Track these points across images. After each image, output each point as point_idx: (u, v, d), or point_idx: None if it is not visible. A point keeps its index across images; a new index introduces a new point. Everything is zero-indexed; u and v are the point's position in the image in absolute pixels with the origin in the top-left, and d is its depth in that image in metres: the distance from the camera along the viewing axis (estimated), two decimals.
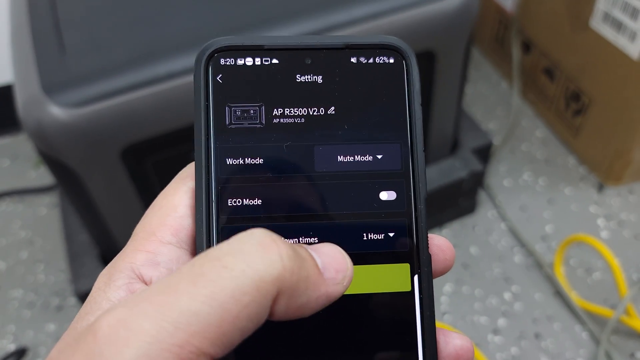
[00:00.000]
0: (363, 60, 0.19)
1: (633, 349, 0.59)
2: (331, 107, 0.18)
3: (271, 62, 0.18)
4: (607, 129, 0.71)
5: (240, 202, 0.18)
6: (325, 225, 0.17)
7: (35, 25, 0.51)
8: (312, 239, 0.17)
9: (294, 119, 0.18)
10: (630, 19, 0.61)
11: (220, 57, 0.19)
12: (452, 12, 0.53)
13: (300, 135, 0.18)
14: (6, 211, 0.81)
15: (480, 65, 0.96)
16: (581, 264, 0.67)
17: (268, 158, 0.18)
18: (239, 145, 0.18)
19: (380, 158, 0.17)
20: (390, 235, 0.17)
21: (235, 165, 0.18)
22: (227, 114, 0.18)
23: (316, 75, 0.18)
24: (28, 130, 0.46)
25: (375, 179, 0.17)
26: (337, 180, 0.17)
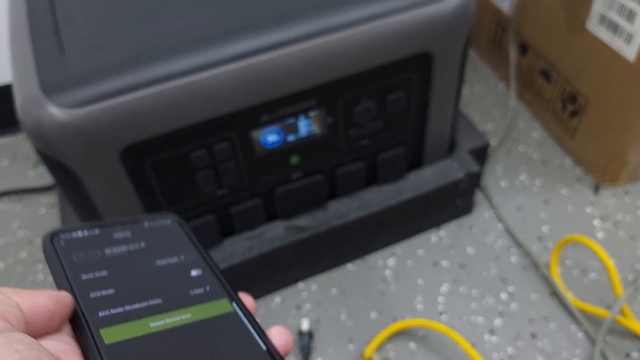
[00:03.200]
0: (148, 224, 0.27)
1: (629, 349, 0.59)
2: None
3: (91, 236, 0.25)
4: (603, 131, 0.72)
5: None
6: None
7: (34, 25, 0.51)
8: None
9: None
10: (626, 21, 0.62)
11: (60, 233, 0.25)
12: (450, 14, 0.53)
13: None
14: (5, 211, 0.81)
15: (477, 67, 0.97)
16: (577, 265, 0.68)
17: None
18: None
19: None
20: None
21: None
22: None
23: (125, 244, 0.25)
24: (27, 131, 0.46)
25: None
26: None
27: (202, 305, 0.23)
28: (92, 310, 0.22)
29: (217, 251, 0.62)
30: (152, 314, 0.22)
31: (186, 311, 0.23)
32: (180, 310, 0.23)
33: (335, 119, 0.57)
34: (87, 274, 0.23)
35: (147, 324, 0.22)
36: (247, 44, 0.48)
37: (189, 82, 0.47)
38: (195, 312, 0.23)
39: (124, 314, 0.22)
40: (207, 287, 0.24)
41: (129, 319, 0.22)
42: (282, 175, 0.59)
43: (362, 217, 0.65)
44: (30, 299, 0.22)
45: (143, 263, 0.24)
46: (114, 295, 0.23)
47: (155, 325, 0.22)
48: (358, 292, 0.67)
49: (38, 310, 0.22)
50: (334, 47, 0.50)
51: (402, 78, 0.57)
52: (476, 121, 0.87)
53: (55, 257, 0.24)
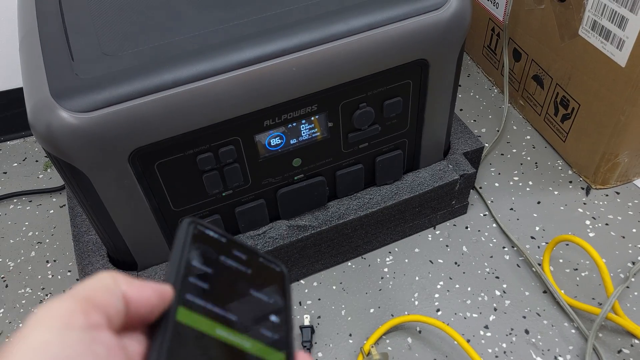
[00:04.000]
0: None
1: (620, 345, 0.61)
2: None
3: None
4: (594, 134, 0.73)
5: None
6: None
7: (44, 32, 0.52)
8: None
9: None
10: (618, 28, 0.63)
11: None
12: (445, 22, 0.54)
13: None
14: (15, 211, 0.82)
15: (472, 72, 0.98)
16: (569, 263, 0.69)
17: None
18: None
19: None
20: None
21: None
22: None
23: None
24: (37, 134, 0.47)
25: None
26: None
27: (263, 346, 0.25)
28: (183, 289, 0.24)
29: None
30: (224, 324, 0.24)
31: (248, 340, 0.25)
32: (245, 336, 0.25)
33: (336, 123, 0.58)
34: (197, 262, 0.25)
35: (214, 328, 0.24)
36: (252, 52, 0.49)
37: (196, 88, 0.48)
38: (254, 346, 0.25)
39: (204, 308, 0.24)
40: (276, 335, 0.26)
41: (205, 315, 0.24)
42: (284, 177, 0.61)
43: (361, 217, 0.66)
44: (138, 291, 0.22)
45: (241, 284, 0.27)
46: (205, 291, 0.25)
47: (220, 333, 0.24)
48: (357, 288, 0.69)
49: (142, 303, 0.22)
50: (334, 55, 0.51)
51: (399, 84, 0.58)
52: (471, 125, 0.88)
53: (183, 236, 0.25)
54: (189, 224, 0.26)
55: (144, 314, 0.22)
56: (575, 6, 0.68)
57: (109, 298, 0.21)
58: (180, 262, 0.25)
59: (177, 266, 0.24)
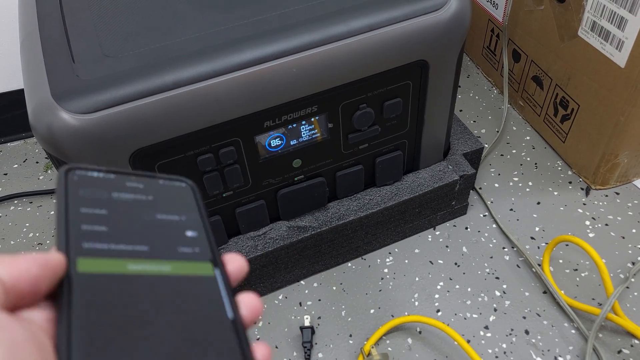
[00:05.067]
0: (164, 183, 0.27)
1: (620, 346, 0.61)
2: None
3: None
4: (594, 134, 0.73)
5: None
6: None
7: (45, 34, 0.52)
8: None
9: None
10: (617, 29, 0.63)
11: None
12: (445, 23, 0.54)
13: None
14: (15, 212, 0.83)
15: (471, 73, 0.98)
16: (569, 264, 0.69)
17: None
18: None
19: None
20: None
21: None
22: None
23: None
24: (38, 136, 0.47)
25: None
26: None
27: (185, 263, 0.24)
28: (77, 240, 0.22)
29: (223, 251, 0.63)
30: (134, 257, 0.22)
31: (167, 264, 0.23)
32: (162, 260, 0.23)
33: (336, 124, 0.58)
34: (86, 208, 0.23)
35: (125, 265, 0.22)
36: (252, 53, 0.49)
37: (196, 89, 0.48)
38: (175, 266, 0.23)
39: (107, 250, 0.22)
40: (197, 249, 0.24)
41: (109, 256, 0.22)
42: (284, 177, 0.61)
43: (362, 218, 0.66)
44: (10, 265, 0.20)
45: (144, 213, 0.25)
46: (104, 233, 0.23)
47: (132, 268, 0.22)
48: (357, 289, 0.69)
49: (20, 277, 0.20)
50: (334, 56, 0.52)
51: (399, 85, 0.58)
52: (470, 125, 0.89)
53: (63, 188, 0.23)
54: (66, 172, 0.24)
55: (29, 287, 0.20)
56: (575, 7, 0.69)
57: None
58: (67, 214, 0.23)
59: (64, 219, 0.23)
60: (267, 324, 0.66)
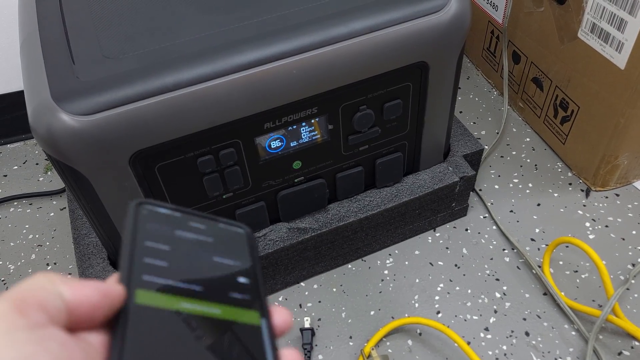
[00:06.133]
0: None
1: (621, 347, 0.61)
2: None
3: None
4: (594, 136, 0.74)
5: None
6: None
7: (45, 35, 0.52)
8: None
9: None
10: (617, 30, 0.63)
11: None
12: (445, 25, 0.54)
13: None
14: (15, 214, 0.82)
15: (471, 75, 0.98)
16: (569, 265, 0.69)
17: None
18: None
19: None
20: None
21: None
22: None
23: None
24: (38, 137, 0.47)
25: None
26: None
27: (234, 309, 0.24)
28: (138, 271, 0.23)
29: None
30: (189, 296, 0.24)
31: (218, 307, 0.24)
32: (213, 303, 0.24)
33: (336, 125, 0.59)
34: (151, 242, 0.25)
35: (179, 302, 0.23)
36: (252, 55, 0.49)
37: (197, 91, 0.48)
38: (225, 311, 0.24)
39: (164, 285, 0.23)
40: (247, 296, 0.25)
41: (166, 292, 0.23)
42: (285, 179, 0.61)
43: (362, 219, 0.66)
44: (75, 289, 0.21)
45: (202, 254, 0.26)
46: (164, 268, 0.24)
47: (185, 306, 0.23)
48: (358, 291, 0.69)
49: (82, 302, 0.21)
50: (334, 58, 0.52)
51: (399, 86, 0.58)
52: (470, 127, 0.89)
53: (132, 220, 0.25)
54: (137, 205, 0.26)
55: (87, 313, 0.22)
56: (575, 9, 0.69)
57: (45, 296, 0.20)
58: (133, 246, 0.24)
59: (130, 250, 0.24)
60: None
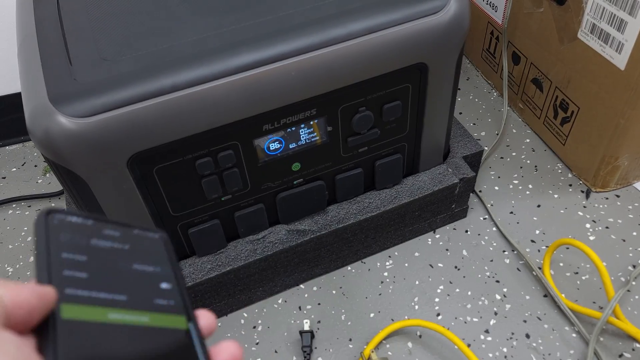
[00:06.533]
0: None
1: (621, 350, 0.61)
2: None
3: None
4: (594, 137, 0.73)
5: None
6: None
7: (43, 38, 0.52)
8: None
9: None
10: (617, 31, 0.63)
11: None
12: (444, 26, 0.54)
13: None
14: (14, 216, 0.82)
15: (471, 76, 0.98)
16: (570, 267, 0.69)
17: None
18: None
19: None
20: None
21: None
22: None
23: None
24: (35, 140, 0.47)
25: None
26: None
27: (161, 315, 0.25)
28: (60, 285, 0.23)
29: (222, 254, 0.63)
30: (114, 306, 0.23)
31: (145, 315, 0.24)
32: (140, 311, 0.24)
33: (335, 127, 0.58)
34: (67, 253, 0.24)
35: (106, 313, 0.23)
36: (250, 56, 0.49)
37: (194, 93, 0.48)
38: (152, 318, 0.24)
39: (88, 297, 0.23)
40: (171, 301, 0.26)
41: (91, 303, 0.23)
42: (284, 181, 0.61)
43: (361, 221, 0.66)
44: (14, 292, 0.21)
45: (121, 262, 0.25)
46: (85, 279, 0.23)
47: (113, 317, 0.23)
48: (357, 293, 0.69)
49: (21, 305, 0.21)
50: (333, 59, 0.51)
51: (398, 88, 0.58)
52: (470, 128, 0.89)
53: (43, 231, 0.24)
54: (45, 215, 0.25)
55: (23, 317, 0.21)
56: (574, 9, 0.69)
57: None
58: (49, 259, 0.23)
59: (46, 263, 0.23)
60: (266, 328, 0.66)
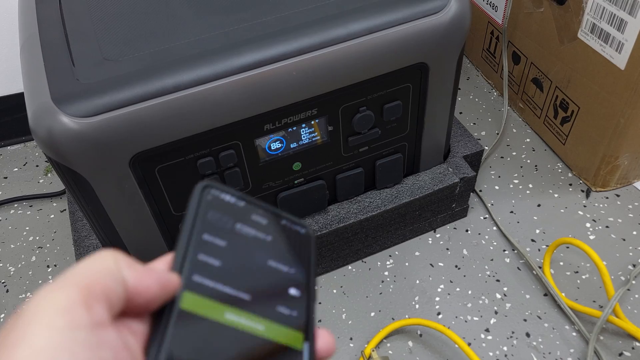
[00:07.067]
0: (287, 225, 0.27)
1: (622, 348, 0.61)
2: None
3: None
4: (594, 136, 0.74)
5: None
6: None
7: (45, 38, 0.52)
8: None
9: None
10: (617, 31, 0.63)
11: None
12: (445, 26, 0.54)
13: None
14: (16, 216, 0.82)
15: (471, 75, 0.98)
16: (570, 266, 0.69)
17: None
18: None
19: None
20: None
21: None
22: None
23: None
24: (38, 140, 0.47)
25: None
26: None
27: (278, 327, 0.23)
28: (190, 269, 0.22)
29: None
30: (235, 305, 0.22)
31: (262, 322, 0.23)
32: (258, 317, 0.23)
33: (336, 127, 0.59)
34: (209, 235, 0.23)
35: (223, 312, 0.22)
36: (252, 56, 0.49)
37: (196, 93, 0.48)
38: (268, 328, 0.23)
39: (213, 290, 0.22)
40: (294, 312, 0.24)
41: (213, 297, 0.22)
42: (285, 180, 0.61)
43: (362, 221, 0.66)
44: (139, 277, 0.21)
45: (258, 255, 0.24)
46: (216, 268, 0.23)
47: (229, 318, 0.22)
48: (358, 292, 0.69)
49: (142, 291, 0.20)
50: (334, 59, 0.52)
51: (399, 87, 0.58)
52: (471, 128, 0.89)
53: (195, 206, 0.23)
54: (203, 189, 0.24)
55: (142, 303, 0.21)
56: (575, 9, 0.69)
57: (110, 283, 0.20)
58: (190, 238, 0.23)
59: (186, 241, 0.22)
60: None
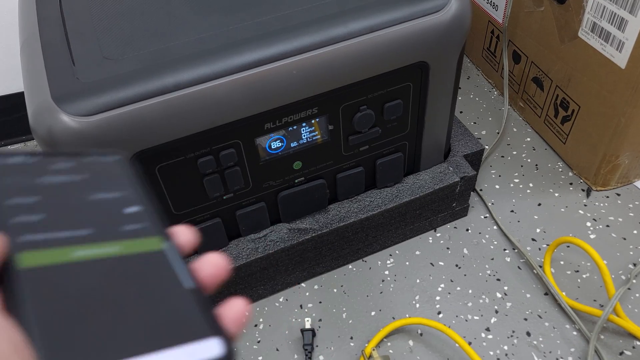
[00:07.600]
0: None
1: (622, 347, 0.61)
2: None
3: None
4: (595, 136, 0.74)
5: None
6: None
7: (45, 37, 0.52)
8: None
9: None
10: (617, 29, 0.63)
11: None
12: (445, 25, 0.54)
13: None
14: None
15: (472, 75, 0.98)
16: (570, 265, 0.69)
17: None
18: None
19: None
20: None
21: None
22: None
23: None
24: (39, 139, 0.47)
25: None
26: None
27: (132, 241, 0.23)
28: (12, 234, 0.21)
29: (223, 253, 0.63)
30: (79, 243, 0.21)
31: (114, 244, 0.22)
32: (107, 242, 0.22)
33: (336, 126, 0.59)
34: (11, 199, 0.22)
35: (69, 253, 0.21)
36: (252, 55, 0.49)
37: (197, 92, 0.48)
38: (123, 246, 0.22)
39: (46, 240, 0.21)
40: (141, 224, 0.23)
41: (51, 246, 0.21)
42: (285, 179, 0.61)
43: (362, 220, 0.66)
44: None
45: (78, 195, 0.23)
46: (37, 223, 0.21)
47: (79, 254, 0.21)
48: (358, 291, 0.69)
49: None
50: (334, 58, 0.52)
51: (399, 87, 0.58)
52: (471, 127, 0.89)
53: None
54: None
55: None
56: (575, 8, 0.69)
57: None
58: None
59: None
60: (267, 326, 0.66)
